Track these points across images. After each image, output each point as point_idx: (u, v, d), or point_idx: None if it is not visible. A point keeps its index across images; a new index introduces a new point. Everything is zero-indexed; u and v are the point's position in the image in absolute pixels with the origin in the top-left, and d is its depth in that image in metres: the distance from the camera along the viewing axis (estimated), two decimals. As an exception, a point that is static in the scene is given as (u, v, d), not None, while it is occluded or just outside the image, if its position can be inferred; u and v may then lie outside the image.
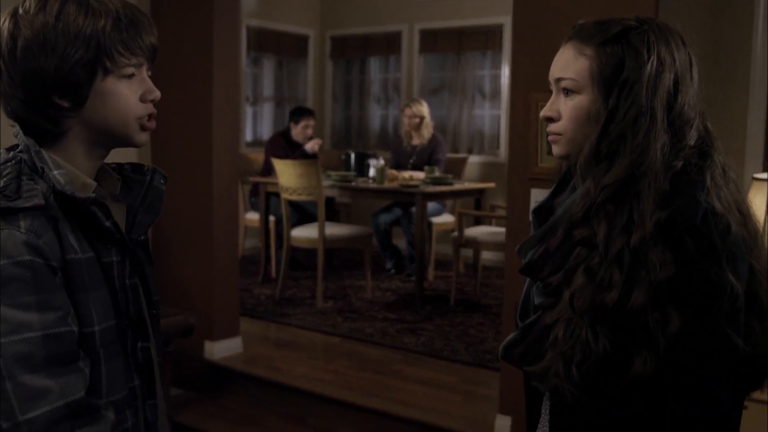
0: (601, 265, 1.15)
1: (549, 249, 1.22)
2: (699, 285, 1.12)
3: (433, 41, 7.40)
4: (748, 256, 1.21)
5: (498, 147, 7.13)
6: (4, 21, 1.15)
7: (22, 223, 1.08)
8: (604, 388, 1.16)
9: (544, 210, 1.35)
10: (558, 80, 1.26)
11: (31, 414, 1.04)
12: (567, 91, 1.25)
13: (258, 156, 6.68)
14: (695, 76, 1.24)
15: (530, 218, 1.40)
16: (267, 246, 6.04)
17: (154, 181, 1.31)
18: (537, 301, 1.26)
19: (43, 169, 1.13)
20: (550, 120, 1.28)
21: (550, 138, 1.29)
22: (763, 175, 2.77)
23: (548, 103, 1.29)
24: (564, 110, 1.26)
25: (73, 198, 1.13)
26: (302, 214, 5.88)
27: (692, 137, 1.21)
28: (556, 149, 1.30)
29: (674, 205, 1.15)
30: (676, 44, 1.22)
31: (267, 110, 7.81)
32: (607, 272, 1.14)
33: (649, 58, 1.19)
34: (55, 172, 1.13)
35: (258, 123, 7.77)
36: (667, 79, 1.19)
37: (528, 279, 1.34)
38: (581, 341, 1.15)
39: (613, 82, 1.20)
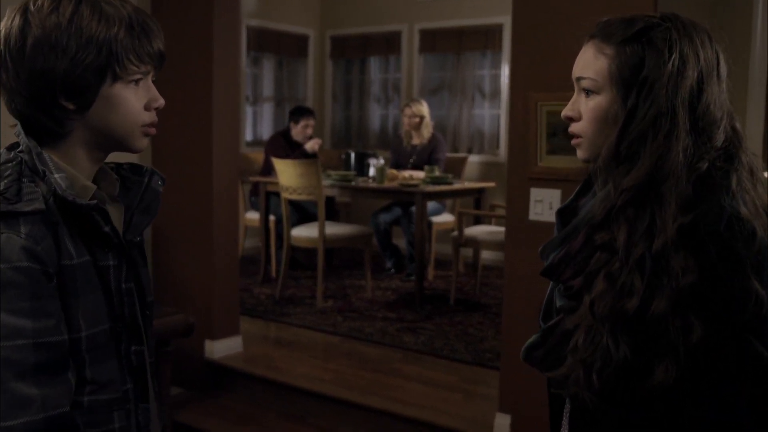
0: (622, 271, 1.13)
1: (570, 251, 1.21)
2: (721, 293, 1.10)
3: (432, 41, 7.41)
4: None
5: (498, 146, 7.14)
6: (14, 17, 1.13)
7: (23, 228, 1.07)
8: (624, 396, 1.15)
9: (568, 211, 1.33)
10: (578, 79, 1.25)
11: (11, 422, 1.03)
12: (587, 91, 1.23)
13: (258, 156, 6.69)
14: (723, 74, 1.20)
15: (555, 219, 1.37)
16: (267, 245, 6.05)
17: (152, 182, 1.30)
18: (559, 303, 1.25)
19: (44, 171, 1.12)
20: (571, 119, 1.26)
21: (572, 141, 1.27)
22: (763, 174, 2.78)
23: (569, 103, 1.27)
24: (584, 110, 1.24)
25: (74, 204, 1.13)
26: (302, 213, 5.89)
27: (719, 138, 1.17)
28: (579, 153, 1.27)
29: (698, 210, 1.12)
30: (702, 41, 1.18)
31: (267, 110, 7.81)
32: (628, 278, 1.12)
33: (670, 56, 1.15)
34: (56, 176, 1.12)
35: (258, 123, 7.77)
36: (690, 77, 1.15)
37: (551, 281, 1.32)
38: (601, 348, 1.13)
39: (632, 81, 1.17)
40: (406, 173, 5.72)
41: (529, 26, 2.97)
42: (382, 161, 5.86)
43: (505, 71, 6.91)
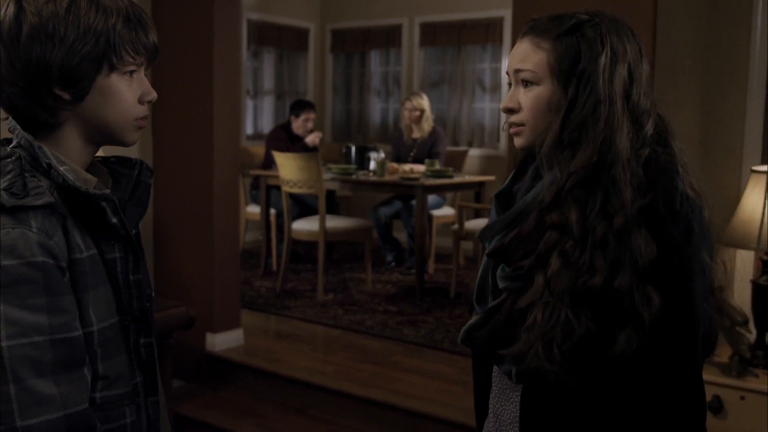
0: (576, 248, 1.19)
1: (521, 234, 1.25)
2: (680, 265, 1.19)
3: (433, 34, 7.40)
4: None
5: (498, 140, 7.14)
6: (8, 5, 1.11)
7: (34, 223, 1.06)
8: (586, 366, 1.20)
9: (504, 195, 1.40)
10: (517, 72, 1.30)
11: (32, 421, 1.02)
12: (526, 83, 1.29)
13: (259, 149, 6.69)
14: (646, 66, 1.28)
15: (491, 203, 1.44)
16: (268, 239, 6.06)
17: (142, 174, 1.28)
18: (502, 284, 1.29)
19: (49, 165, 1.11)
20: (511, 111, 1.31)
21: (512, 130, 1.33)
22: (762, 168, 2.79)
23: (508, 95, 1.32)
24: (524, 101, 1.29)
25: (87, 194, 1.11)
26: (303, 207, 5.89)
27: (650, 126, 1.26)
28: (518, 141, 1.33)
29: (654, 192, 1.20)
30: (627, 36, 1.26)
31: (267, 103, 7.81)
32: (586, 257, 1.18)
33: (603, 49, 1.23)
34: (62, 168, 1.11)
35: (258, 116, 7.78)
36: (622, 69, 1.23)
37: (484, 263, 1.38)
38: (561, 322, 1.18)
39: (570, 73, 1.24)
40: (407, 167, 5.72)
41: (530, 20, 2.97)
42: (382, 155, 5.87)
43: (505, 65, 6.90)
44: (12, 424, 1.01)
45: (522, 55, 1.29)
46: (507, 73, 1.34)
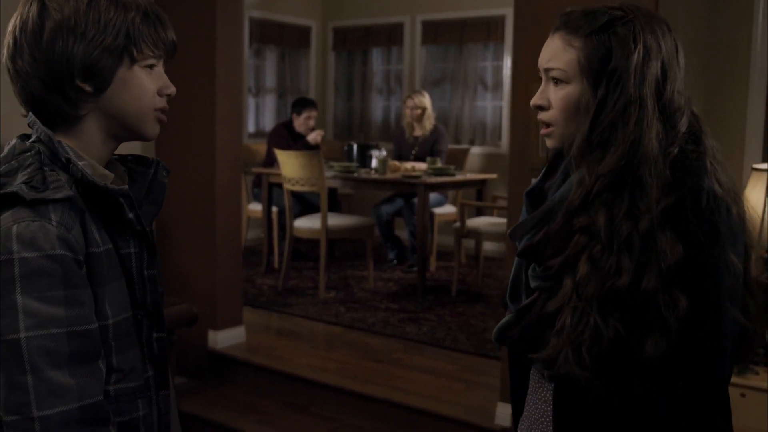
0: (604, 253, 1.17)
1: (549, 233, 1.25)
2: (706, 266, 1.17)
3: (435, 33, 7.40)
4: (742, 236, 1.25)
5: (500, 138, 7.14)
6: (30, 4, 1.15)
7: (53, 216, 1.07)
8: (615, 370, 1.19)
9: (535, 192, 1.39)
10: (548, 70, 1.28)
11: (48, 411, 1.03)
12: (556, 81, 1.27)
13: (260, 147, 6.70)
14: (681, 62, 1.25)
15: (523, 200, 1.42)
16: (270, 237, 6.07)
17: (158, 174, 1.30)
18: (533, 283, 1.29)
19: (68, 159, 1.13)
20: (541, 108, 1.30)
21: (542, 131, 1.31)
22: (763, 166, 2.79)
23: (538, 92, 1.31)
24: (554, 99, 1.28)
25: (105, 190, 1.13)
26: (305, 204, 5.90)
27: (684, 124, 1.23)
28: (549, 142, 1.32)
29: (680, 191, 1.18)
30: (662, 31, 1.23)
31: (269, 101, 7.82)
32: (613, 259, 1.16)
33: (635, 47, 1.20)
34: (81, 164, 1.13)
35: (260, 114, 7.78)
36: (654, 67, 1.21)
37: (516, 261, 1.37)
38: (590, 327, 1.17)
39: (601, 72, 1.22)
40: (409, 165, 5.73)
41: (532, 17, 2.98)
42: (384, 153, 5.87)
43: (507, 63, 6.91)
44: (29, 414, 1.03)
45: (553, 53, 1.27)
46: (538, 68, 1.31)
